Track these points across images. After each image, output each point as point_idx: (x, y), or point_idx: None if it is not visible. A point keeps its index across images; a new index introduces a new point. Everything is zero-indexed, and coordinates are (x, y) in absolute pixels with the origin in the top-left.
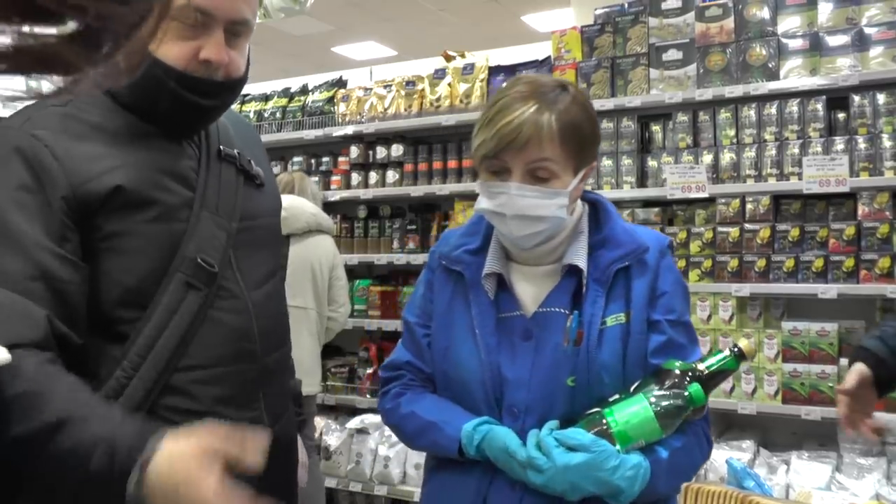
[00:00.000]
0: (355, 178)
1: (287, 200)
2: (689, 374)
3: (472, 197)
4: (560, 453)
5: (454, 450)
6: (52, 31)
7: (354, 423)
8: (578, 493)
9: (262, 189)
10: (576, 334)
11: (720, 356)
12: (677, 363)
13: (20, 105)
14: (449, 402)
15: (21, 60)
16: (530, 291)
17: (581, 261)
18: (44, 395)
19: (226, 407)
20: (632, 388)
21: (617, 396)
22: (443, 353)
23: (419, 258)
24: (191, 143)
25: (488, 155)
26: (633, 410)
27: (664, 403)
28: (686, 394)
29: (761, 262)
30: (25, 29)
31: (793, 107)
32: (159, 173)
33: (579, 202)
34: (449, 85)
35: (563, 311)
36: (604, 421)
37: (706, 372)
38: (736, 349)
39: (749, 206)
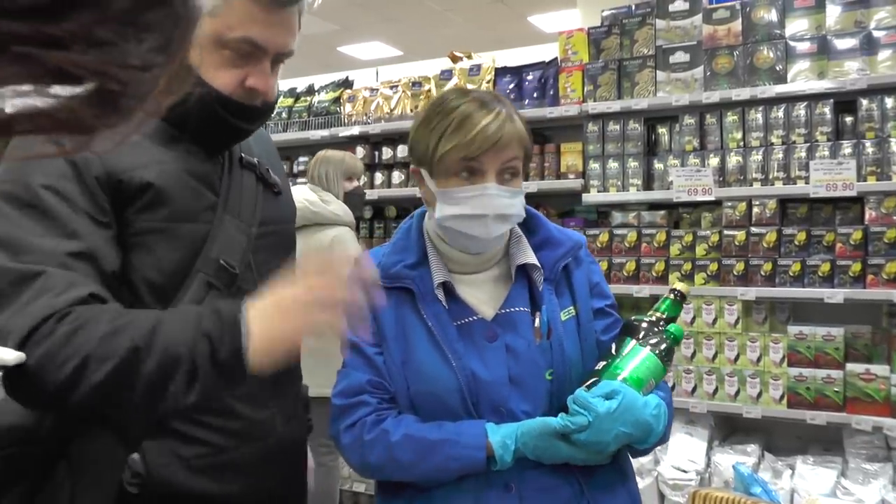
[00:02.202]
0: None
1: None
2: (655, 320)
3: None
4: (599, 402)
5: (480, 459)
6: (71, 92)
7: None
8: (617, 441)
9: (280, 197)
10: (546, 329)
11: (667, 302)
12: (641, 317)
13: None
14: (437, 421)
15: (43, 122)
16: (481, 296)
17: (534, 259)
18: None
19: (241, 405)
20: (613, 350)
21: (604, 363)
22: (400, 369)
23: None
24: None
25: (468, 157)
26: (638, 360)
27: (662, 346)
28: (670, 334)
29: (767, 266)
30: (49, 90)
31: (800, 110)
32: (187, 176)
33: None
34: (455, 86)
35: (525, 309)
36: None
37: (664, 316)
38: (677, 292)
39: (755, 210)
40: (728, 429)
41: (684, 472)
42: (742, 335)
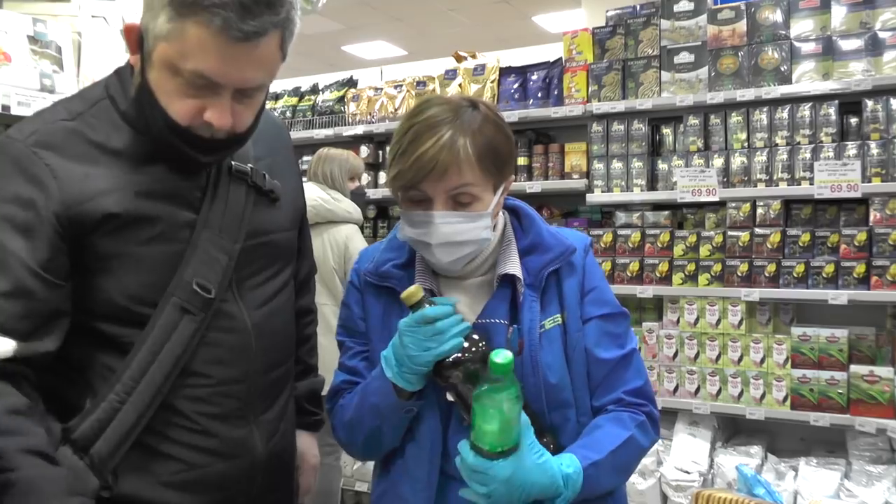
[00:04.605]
0: (365, 177)
1: None
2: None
3: None
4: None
5: (389, 389)
6: None
7: None
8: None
9: (277, 203)
10: (517, 344)
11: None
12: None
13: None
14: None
15: None
16: (465, 302)
17: (515, 269)
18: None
19: (215, 423)
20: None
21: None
22: None
23: None
24: None
25: (407, 185)
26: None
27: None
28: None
29: (771, 267)
30: None
31: (805, 111)
32: (160, 195)
33: (501, 212)
34: (460, 86)
35: (502, 321)
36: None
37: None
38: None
39: (759, 211)
40: (731, 430)
41: (687, 473)
42: (746, 336)
